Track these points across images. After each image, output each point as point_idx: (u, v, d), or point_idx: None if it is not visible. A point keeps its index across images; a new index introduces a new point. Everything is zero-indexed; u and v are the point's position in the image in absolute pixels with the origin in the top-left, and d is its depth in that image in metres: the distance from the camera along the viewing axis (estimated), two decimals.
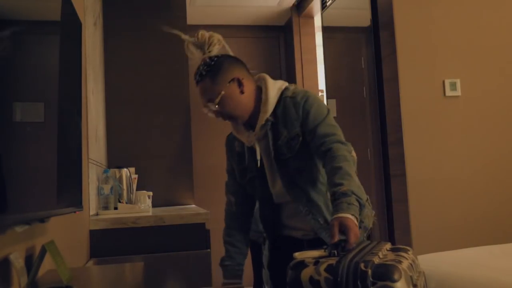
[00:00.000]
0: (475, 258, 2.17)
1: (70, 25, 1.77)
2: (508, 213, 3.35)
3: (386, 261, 1.37)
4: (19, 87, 1.24)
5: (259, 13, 5.11)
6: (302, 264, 1.39)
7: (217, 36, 1.85)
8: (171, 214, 2.81)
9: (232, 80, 1.81)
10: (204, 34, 1.84)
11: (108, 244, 2.68)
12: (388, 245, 1.55)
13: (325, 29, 4.59)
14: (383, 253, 1.49)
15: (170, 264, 2.68)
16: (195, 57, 1.87)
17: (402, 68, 3.35)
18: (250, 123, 1.90)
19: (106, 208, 2.95)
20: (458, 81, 3.41)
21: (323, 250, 1.45)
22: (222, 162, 2.15)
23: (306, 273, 1.36)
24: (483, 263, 2.06)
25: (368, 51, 4.10)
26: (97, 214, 2.92)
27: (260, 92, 1.88)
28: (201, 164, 4.82)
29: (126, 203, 3.13)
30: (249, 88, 1.85)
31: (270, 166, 1.93)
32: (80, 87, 1.99)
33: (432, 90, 3.39)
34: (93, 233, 2.67)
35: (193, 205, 3.71)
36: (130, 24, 3.84)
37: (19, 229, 1.27)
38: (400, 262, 1.40)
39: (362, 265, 1.31)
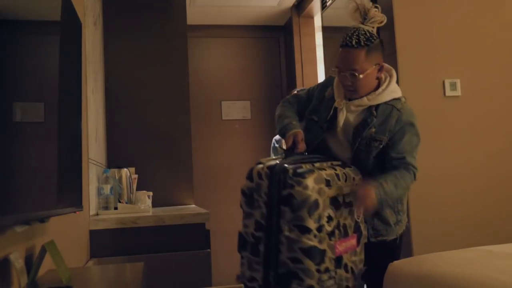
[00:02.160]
0: (475, 258, 2.17)
1: (70, 25, 1.77)
2: (508, 213, 3.35)
3: (312, 167, 1.82)
4: (19, 87, 1.24)
5: (259, 13, 5.11)
6: (259, 163, 1.88)
7: (384, 19, 2.00)
8: (171, 214, 2.81)
9: (377, 64, 1.97)
10: (374, 10, 1.98)
11: (108, 244, 2.68)
12: (349, 170, 1.96)
13: (325, 29, 4.59)
14: (324, 165, 1.89)
15: (170, 264, 2.68)
16: (351, 17, 2.00)
17: (402, 68, 3.35)
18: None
19: (106, 208, 2.95)
20: (458, 81, 3.41)
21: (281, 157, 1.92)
22: (222, 162, 2.16)
23: (256, 169, 1.86)
24: (483, 263, 2.06)
25: None
26: (97, 214, 2.92)
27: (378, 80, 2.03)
28: (201, 164, 4.82)
29: (126, 203, 3.13)
30: (380, 76, 2.04)
31: (338, 140, 2.09)
32: (80, 87, 1.99)
33: (432, 90, 3.38)
34: (93, 233, 2.67)
35: (193, 205, 3.71)
36: (130, 24, 3.84)
37: (19, 229, 1.27)
38: (323, 169, 1.85)
39: (289, 166, 1.78)
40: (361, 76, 1.92)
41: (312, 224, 1.74)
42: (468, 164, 3.37)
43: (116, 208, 2.98)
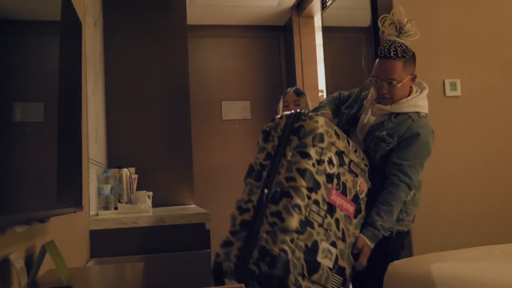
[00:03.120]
0: (475, 258, 2.17)
1: (70, 25, 1.77)
2: (509, 213, 3.35)
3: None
4: (19, 87, 1.24)
5: (259, 13, 5.11)
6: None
7: (416, 32, 2.15)
8: (171, 214, 2.81)
9: (411, 74, 2.15)
10: (407, 23, 2.15)
11: (108, 244, 2.68)
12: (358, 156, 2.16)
13: (325, 29, 4.59)
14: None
15: (170, 264, 2.68)
16: (386, 31, 2.17)
17: None
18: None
19: (106, 208, 2.95)
20: (458, 81, 3.41)
21: None
22: (222, 162, 2.18)
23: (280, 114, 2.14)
24: (483, 263, 2.06)
25: (368, 51, 4.10)
26: (97, 214, 2.92)
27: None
28: (201, 164, 4.82)
29: (126, 203, 3.13)
30: (412, 86, 2.21)
31: (355, 135, 2.26)
32: (80, 87, 1.99)
33: (432, 90, 3.38)
34: (93, 233, 2.67)
35: (193, 205, 3.71)
36: (130, 24, 3.84)
37: (19, 229, 1.27)
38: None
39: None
40: (398, 85, 2.09)
41: (313, 153, 1.94)
42: (468, 164, 3.37)
43: (116, 208, 2.98)
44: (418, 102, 2.18)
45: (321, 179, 1.94)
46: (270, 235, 1.84)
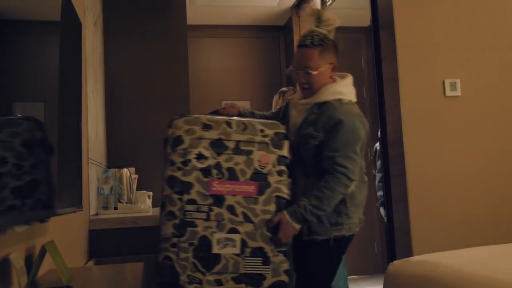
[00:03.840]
0: (475, 258, 2.17)
1: (70, 25, 1.77)
2: (508, 213, 3.35)
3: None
4: (19, 87, 1.24)
5: (259, 13, 5.11)
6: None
7: (337, 22, 2.10)
8: None
9: (331, 63, 2.09)
10: (328, 14, 2.10)
11: (108, 244, 2.67)
12: (260, 123, 2.13)
13: None
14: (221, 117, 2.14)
15: None
16: (307, 22, 2.12)
17: (402, 68, 3.35)
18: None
19: (106, 208, 2.95)
20: (458, 81, 3.41)
21: None
22: None
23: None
24: (483, 263, 2.06)
25: (368, 51, 4.10)
26: (97, 214, 2.92)
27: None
28: None
29: (126, 203, 3.13)
30: (333, 76, 2.13)
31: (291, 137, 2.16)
32: (80, 87, 1.99)
33: (432, 90, 3.38)
34: (93, 233, 2.67)
35: None
36: (130, 24, 3.84)
37: (19, 229, 1.27)
38: (211, 117, 2.12)
39: None
40: (314, 73, 2.04)
41: (176, 158, 2.02)
42: (468, 164, 3.37)
43: (116, 208, 2.98)
44: (339, 89, 2.10)
45: (192, 178, 2.00)
46: (158, 248, 2.03)
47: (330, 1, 4.37)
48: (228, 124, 2.08)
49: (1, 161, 1.08)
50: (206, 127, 2.06)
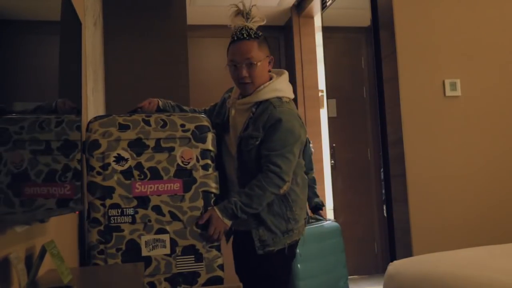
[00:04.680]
0: (475, 258, 2.17)
1: (70, 25, 1.77)
2: (508, 213, 3.35)
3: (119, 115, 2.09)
4: (19, 87, 1.24)
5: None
6: None
7: (263, 20, 2.08)
8: None
9: (268, 56, 2.07)
10: (255, 11, 2.07)
11: None
12: (180, 117, 2.08)
13: (325, 29, 4.59)
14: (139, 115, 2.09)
15: None
16: (233, 23, 2.08)
17: (402, 68, 3.35)
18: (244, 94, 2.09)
19: None
20: (458, 81, 3.41)
21: None
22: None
23: None
24: (483, 263, 2.06)
25: (368, 51, 4.10)
26: None
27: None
28: None
29: None
30: (271, 74, 2.10)
31: (230, 140, 2.11)
32: (80, 87, 1.99)
33: (432, 90, 3.39)
34: None
35: None
36: (130, 24, 3.84)
37: (19, 229, 1.27)
38: (127, 116, 2.08)
39: None
40: (258, 63, 2.00)
41: (94, 163, 1.98)
42: (468, 164, 3.37)
43: None
44: (277, 86, 2.05)
45: (113, 181, 1.97)
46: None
47: (330, 1, 4.37)
48: (146, 122, 2.03)
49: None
50: (123, 127, 2.01)
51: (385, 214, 3.59)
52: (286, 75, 2.13)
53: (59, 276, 1.39)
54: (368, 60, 4.06)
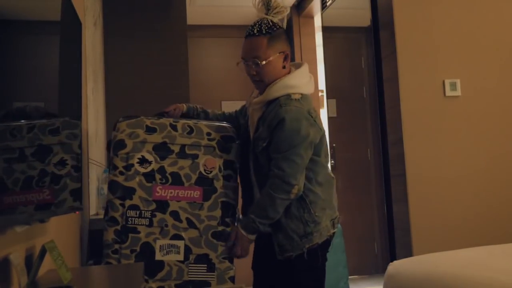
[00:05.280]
0: (475, 258, 2.17)
1: (70, 25, 1.77)
2: (508, 213, 3.35)
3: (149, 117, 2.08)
4: (19, 87, 1.24)
5: None
6: None
7: (286, 10, 1.97)
8: None
9: (283, 52, 1.93)
10: (277, 1, 1.95)
11: None
12: (207, 125, 2.05)
13: (325, 29, 4.59)
14: (167, 119, 2.08)
15: None
16: (256, 11, 1.97)
17: (402, 68, 3.35)
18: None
19: None
20: (458, 81, 3.41)
21: None
22: None
23: None
24: (483, 263, 2.06)
25: (368, 51, 4.10)
26: (97, 214, 2.91)
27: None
28: None
29: None
30: (287, 66, 1.96)
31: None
32: (80, 87, 1.99)
33: (432, 90, 3.39)
34: (93, 233, 2.66)
35: None
36: (130, 24, 3.84)
37: (19, 229, 1.27)
38: (158, 120, 2.07)
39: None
40: (263, 62, 1.89)
41: (118, 162, 1.97)
42: (468, 164, 3.37)
43: None
44: (289, 82, 1.91)
45: (135, 183, 1.95)
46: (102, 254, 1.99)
47: (330, 1, 4.37)
48: (173, 127, 2.01)
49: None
50: (150, 130, 2.00)
51: (385, 214, 3.59)
52: (302, 68, 2.00)
53: (59, 276, 1.39)
54: (368, 60, 4.06)
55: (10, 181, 1.26)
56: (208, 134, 2.01)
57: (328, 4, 4.42)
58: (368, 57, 4.11)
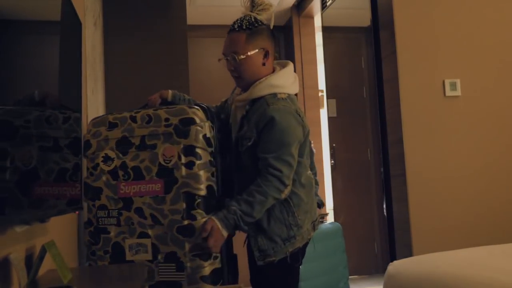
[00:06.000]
0: (475, 258, 2.17)
1: (70, 25, 1.77)
2: (508, 213, 3.35)
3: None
4: (19, 87, 1.24)
5: None
6: None
7: (271, 7, 1.94)
8: None
9: (263, 49, 1.90)
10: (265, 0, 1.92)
11: None
12: (166, 111, 1.92)
13: (325, 29, 4.59)
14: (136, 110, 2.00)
15: None
16: (243, 9, 1.95)
17: (402, 68, 3.35)
18: (246, 89, 1.95)
19: None
20: (458, 81, 3.41)
21: None
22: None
23: None
24: (483, 263, 2.06)
25: (368, 51, 4.10)
26: None
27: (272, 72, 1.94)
28: None
29: None
30: (269, 64, 1.94)
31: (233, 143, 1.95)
32: (80, 87, 1.98)
33: (432, 90, 3.39)
34: None
35: None
36: (130, 24, 3.83)
37: (19, 229, 1.27)
38: (120, 114, 2.00)
39: None
40: (241, 57, 1.87)
41: (88, 163, 1.93)
42: (468, 164, 3.37)
43: None
44: (274, 81, 1.88)
45: (101, 182, 1.89)
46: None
47: (330, 1, 4.37)
48: (133, 118, 1.91)
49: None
50: (111, 126, 1.92)
51: (385, 214, 3.59)
52: (287, 68, 1.99)
53: (59, 276, 1.39)
54: (368, 60, 4.06)
55: (44, 171, 1.26)
56: (166, 120, 1.86)
57: (328, 4, 4.42)
58: (368, 57, 4.11)
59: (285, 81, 1.93)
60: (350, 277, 3.58)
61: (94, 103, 3.02)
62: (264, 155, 1.81)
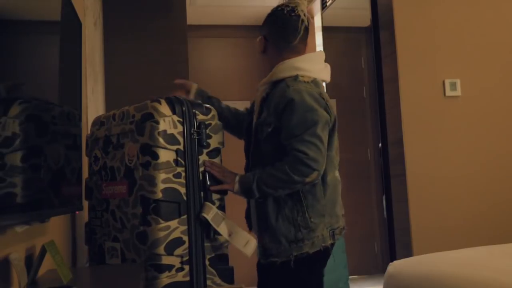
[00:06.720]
0: (475, 258, 2.17)
1: (70, 25, 1.77)
2: (508, 213, 3.35)
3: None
4: (19, 87, 1.24)
5: (259, 13, 5.09)
6: None
7: (303, 4, 1.86)
8: None
9: (263, 36, 1.95)
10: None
11: None
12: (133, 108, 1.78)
13: (325, 29, 4.59)
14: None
15: None
16: None
17: (402, 68, 3.35)
18: None
19: None
20: (458, 81, 3.41)
21: None
22: (222, 161, 2.14)
23: None
24: (483, 263, 2.06)
25: (368, 51, 4.10)
26: None
27: None
28: None
29: None
30: (272, 51, 1.89)
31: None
32: (80, 87, 1.99)
33: (432, 90, 3.38)
34: None
35: None
36: (130, 24, 3.84)
37: (19, 229, 1.27)
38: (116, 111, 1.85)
39: None
40: (261, 53, 1.93)
41: (87, 164, 1.91)
42: (468, 164, 3.37)
43: None
44: (298, 64, 1.76)
45: (92, 182, 1.86)
46: None
47: (330, 1, 4.37)
48: (113, 117, 1.79)
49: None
50: (101, 125, 1.84)
51: (385, 214, 3.59)
52: (316, 53, 1.92)
53: (59, 276, 1.39)
54: (368, 60, 4.06)
55: (69, 169, 1.25)
56: (133, 116, 1.69)
57: (328, 4, 4.42)
58: (368, 57, 4.11)
59: (311, 65, 1.81)
60: (350, 277, 3.58)
61: (94, 103, 3.02)
62: (288, 141, 1.66)
